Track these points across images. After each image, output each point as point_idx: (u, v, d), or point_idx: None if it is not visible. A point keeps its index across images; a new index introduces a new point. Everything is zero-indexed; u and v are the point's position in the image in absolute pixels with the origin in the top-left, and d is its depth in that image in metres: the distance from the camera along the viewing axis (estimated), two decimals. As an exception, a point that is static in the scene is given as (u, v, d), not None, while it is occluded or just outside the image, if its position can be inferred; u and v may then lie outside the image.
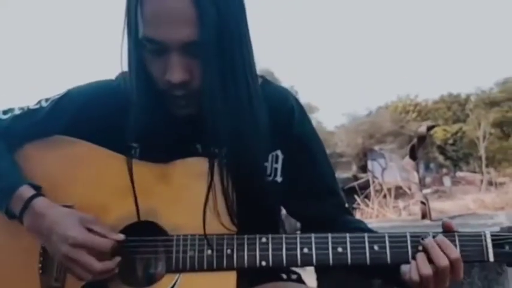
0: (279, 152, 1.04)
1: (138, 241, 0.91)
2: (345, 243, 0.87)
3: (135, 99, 0.94)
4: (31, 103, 1.06)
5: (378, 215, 5.20)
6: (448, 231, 0.88)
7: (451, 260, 0.84)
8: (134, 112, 0.95)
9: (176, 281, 0.88)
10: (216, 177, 0.92)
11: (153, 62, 0.90)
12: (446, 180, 21.52)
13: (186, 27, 0.86)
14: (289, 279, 1.04)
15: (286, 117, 1.05)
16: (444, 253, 0.84)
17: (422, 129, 2.49)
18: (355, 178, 13.17)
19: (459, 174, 24.98)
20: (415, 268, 0.85)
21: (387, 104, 33.27)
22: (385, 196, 5.72)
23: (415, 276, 0.84)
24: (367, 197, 5.69)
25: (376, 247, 0.86)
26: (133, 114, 0.95)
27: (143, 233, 0.91)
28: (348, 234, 0.87)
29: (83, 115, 1.02)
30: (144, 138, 0.98)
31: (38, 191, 0.95)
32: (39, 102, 1.05)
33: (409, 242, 0.86)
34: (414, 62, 65.15)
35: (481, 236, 0.86)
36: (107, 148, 0.98)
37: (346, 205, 1.14)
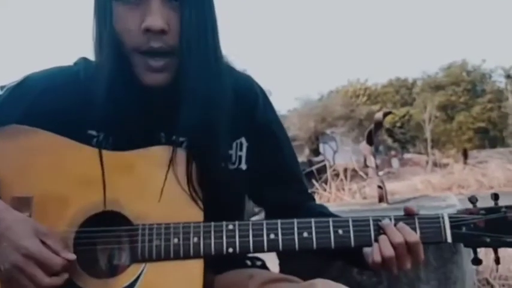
0: (243, 140, 1.03)
1: (101, 231, 0.89)
2: (310, 228, 0.88)
3: (100, 76, 0.90)
4: None
5: (336, 199, 5.35)
6: (409, 214, 0.90)
7: (411, 243, 0.86)
8: (97, 97, 0.91)
9: (142, 270, 0.87)
10: (181, 166, 0.91)
11: (127, 13, 0.87)
12: (395, 162, 22.32)
13: None
14: (253, 265, 1.05)
15: (251, 105, 1.04)
16: (403, 236, 0.87)
17: (379, 115, 2.52)
18: (310, 163, 13.39)
19: (406, 155, 25.99)
20: (378, 250, 0.87)
21: (338, 89, 33.98)
22: (341, 180, 5.87)
23: (378, 258, 0.86)
24: (325, 181, 5.81)
25: (340, 231, 0.88)
26: (95, 100, 0.91)
27: (107, 223, 0.89)
28: (313, 220, 0.89)
29: (41, 103, 0.97)
30: (106, 127, 0.95)
31: None
32: None
33: (371, 225, 0.89)
34: (364, 47, 66.64)
35: (439, 218, 0.89)
36: (67, 137, 0.94)
37: (309, 191, 1.15)
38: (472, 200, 0.91)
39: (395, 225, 0.88)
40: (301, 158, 18.42)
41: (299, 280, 0.93)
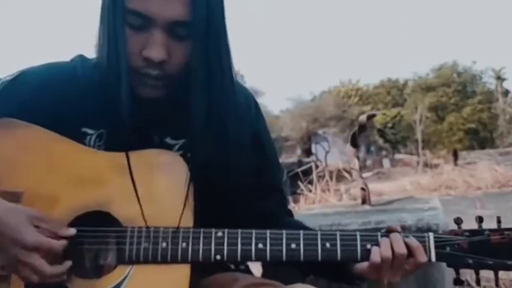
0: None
1: (89, 231, 0.89)
2: (299, 239, 0.88)
3: (98, 80, 0.90)
4: None
5: (321, 200, 5.37)
6: (391, 232, 0.92)
7: (398, 254, 0.88)
8: (92, 95, 0.91)
9: (128, 272, 0.86)
10: (175, 170, 0.91)
11: (131, 37, 0.87)
12: (386, 162, 22.41)
13: (178, 5, 0.84)
14: (237, 269, 1.05)
15: (245, 113, 1.05)
16: (392, 248, 0.89)
17: (363, 118, 2.55)
18: (300, 163, 13.41)
19: (397, 156, 26.06)
20: (378, 251, 0.88)
21: (330, 89, 34.00)
22: (327, 181, 5.89)
23: (377, 258, 0.87)
24: (310, 182, 5.81)
25: (328, 244, 0.88)
26: (91, 98, 0.91)
27: (95, 223, 0.89)
28: (301, 231, 0.89)
29: (36, 98, 0.96)
30: (101, 126, 0.95)
31: None
32: None
33: (358, 240, 0.89)
34: (356, 48, 66.74)
35: (424, 237, 0.90)
36: (61, 133, 0.93)
37: (289, 207, 1.16)
38: (458, 221, 0.92)
39: (381, 236, 0.90)
40: (293, 159, 18.45)
41: (281, 285, 0.93)
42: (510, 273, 2.62)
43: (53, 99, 0.95)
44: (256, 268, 1.25)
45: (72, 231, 0.86)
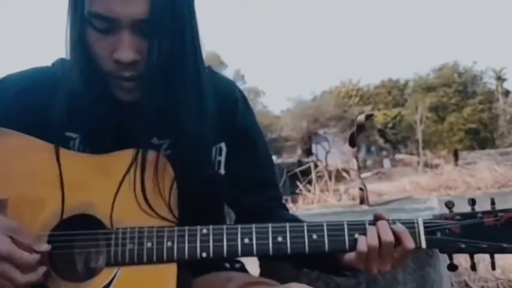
0: (222, 145, 1.03)
1: (73, 235, 0.88)
2: (285, 232, 0.87)
3: (75, 85, 0.89)
4: None
5: (320, 200, 5.38)
6: (378, 220, 0.90)
7: (385, 242, 0.86)
8: (74, 99, 0.90)
9: (115, 274, 0.86)
10: (156, 169, 0.90)
11: (99, 41, 0.86)
12: (386, 162, 22.43)
13: (138, 4, 0.83)
14: (232, 268, 1.04)
15: (231, 109, 1.04)
16: (379, 236, 0.87)
17: (361, 117, 2.55)
18: (300, 163, 13.42)
19: (398, 156, 26.07)
20: (364, 240, 0.86)
21: (331, 89, 34.03)
22: (326, 181, 5.89)
23: (363, 247, 0.86)
24: (310, 182, 5.81)
25: (314, 236, 0.87)
26: (72, 102, 0.91)
27: (81, 227, 0.88)
28: (287, 224, 0.88)
29: (18, 104, 0.96)
30: (83, 129, 0.95)
31: None
32: None
33: (346, 230, 0.88)
34: (356, 48, 66.75)
35: (413, 223, 0.88)
36: (44, 138, 0.93)
37: (283, 200, 1.15)
38: (449, 205, 0.89)
39: (369, 224, 0.88)
40: (294, 159, 18.48)
41: (276, 283, 0.92)
42: (507, 272, 2.63)
43: (35, 105, 0.95)
44: (254, 267, 1.26)
45: (46, 247, 0.85)
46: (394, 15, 70.95)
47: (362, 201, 2.66)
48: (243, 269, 1.07)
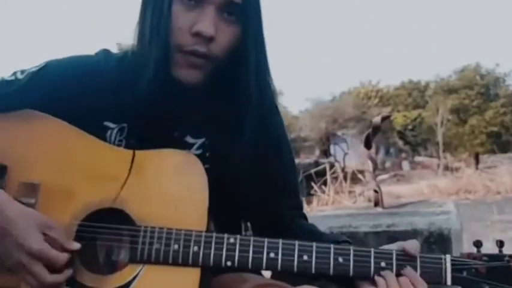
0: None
1: (103, 227, 0.90)
2: (311, 251, 0.87)
3: (124, 74, 0.93)
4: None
5: (334, 202, 5.37)
6: (409, 256, 0.89)
7: None
8: (121, 89, 0.93)
9: (139, 272, 0.87)
10: (191, 171, 0.92)
11: (183, 12, 0.88)
12: (405, 165, 22.15)
13: None
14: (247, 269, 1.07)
15: (266, 111, 1.04)
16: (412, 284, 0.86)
17: (377, 119, 2.56)
18: (317, 164, 13.38)
19: (417, 158, 25.71)
20: (384, 285, 0.85)
21: (350, 90, 33.74)
22: (341, 182, 5.86)
23: None
24: (325, 183, 5.79)
25: (340, 259, 0.87)
26: (119, 92, 0.93)
27: (109, 220, 0.90)
28: (314, 244, 0.88)
29: (60, 91, 0.97)
30: (123, 120, 0.96)
31: (1, 171, 0.90)
32: (15, 73, 0.98)
33: (372, 257, 0.88)
34: (377, 49, 66.14)
35: (441, 259, 0.88)
36: (82, 127, 0.94)
37: (304, 211, 1.14)
38: (477, 244, 0.89)
39: (398, 275, 0.87)
40: (311, 159, 18.40)
41: (289, 286, 0.92)
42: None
43: (76, 93, 0.96)
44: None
45: (77, 245, 0.86)
46: (416, 16, 70.11)
47: (376, 204, 2.67)
48: (257, 271, 1.08)
